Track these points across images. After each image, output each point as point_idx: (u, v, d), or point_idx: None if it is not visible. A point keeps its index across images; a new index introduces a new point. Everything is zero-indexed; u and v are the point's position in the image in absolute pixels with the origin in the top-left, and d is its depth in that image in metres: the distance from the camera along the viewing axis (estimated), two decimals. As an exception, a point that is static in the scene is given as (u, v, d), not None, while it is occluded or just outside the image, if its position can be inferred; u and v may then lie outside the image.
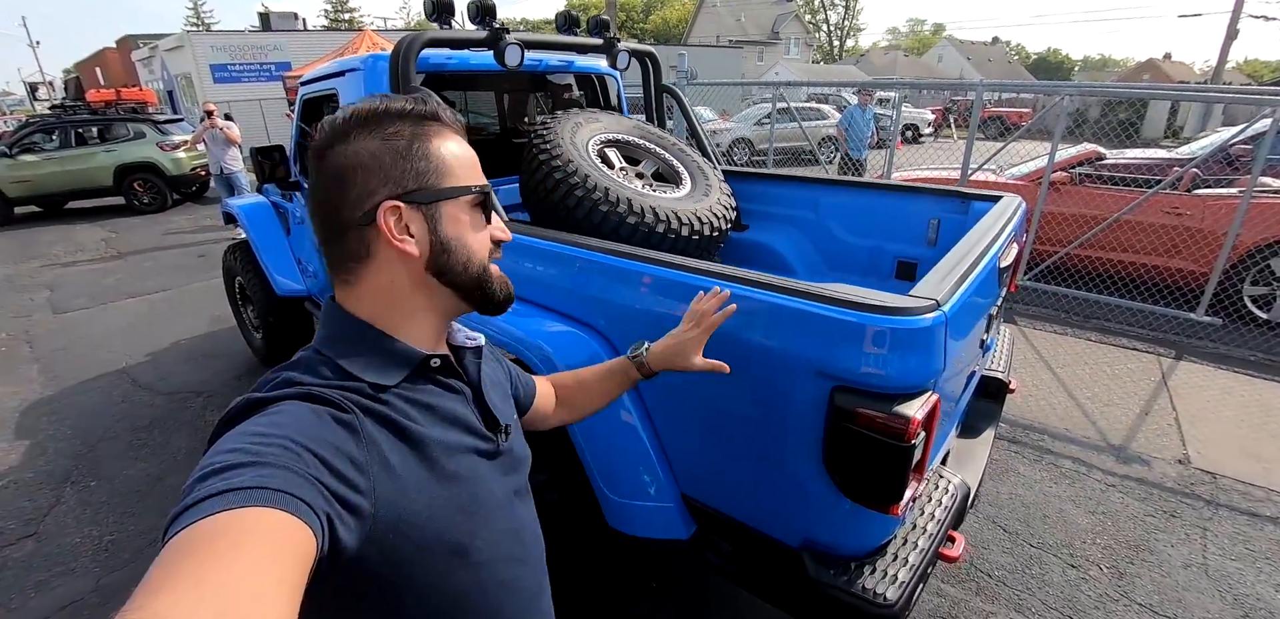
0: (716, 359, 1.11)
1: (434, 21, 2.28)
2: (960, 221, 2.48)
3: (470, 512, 0.67)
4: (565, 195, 2.04)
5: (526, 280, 1.72)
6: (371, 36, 12.55)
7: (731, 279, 1.31)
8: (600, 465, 1.52)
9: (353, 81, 2.38)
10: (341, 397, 0.59)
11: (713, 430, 1.41)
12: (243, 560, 0.41)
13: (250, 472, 0.47)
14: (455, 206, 0.68)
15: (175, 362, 4.40)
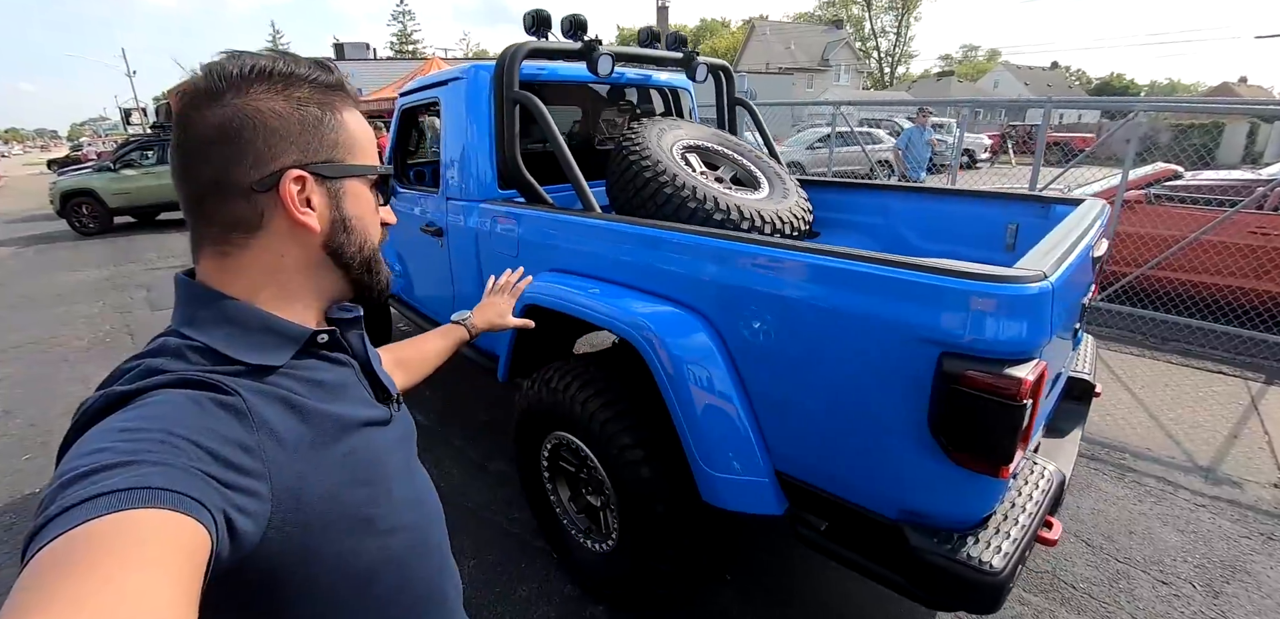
0: (818, 328, 1.22)
1: (532, 34, 2.46)
2: (1041, 226, 2.48)
3: (372, 482, 0.64)
4: (655, 193, 2.17)
5: (628, 266, 1.83)
6: (438, 63, 13.19)
7: (833, 255, 1.39)
8: (697, 439, 1.61)
9: (455, 90, 2.57)
10: (222, 379, 0.54)
11: (810, 404, 1.48)
12: (129, 570, 0.36)
13: (123, 472, 0.41)
14: (360, 184, 0.67)
15: None
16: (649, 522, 1.78)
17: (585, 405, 1.83)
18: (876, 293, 1.29)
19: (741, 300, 1.54)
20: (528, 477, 2.27)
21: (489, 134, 2.45)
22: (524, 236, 2.20)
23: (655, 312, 1.66)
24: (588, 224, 1.98)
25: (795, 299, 1.43)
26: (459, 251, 2.59)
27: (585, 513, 2.17)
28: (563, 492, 2.21)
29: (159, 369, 0.53)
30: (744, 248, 1.53)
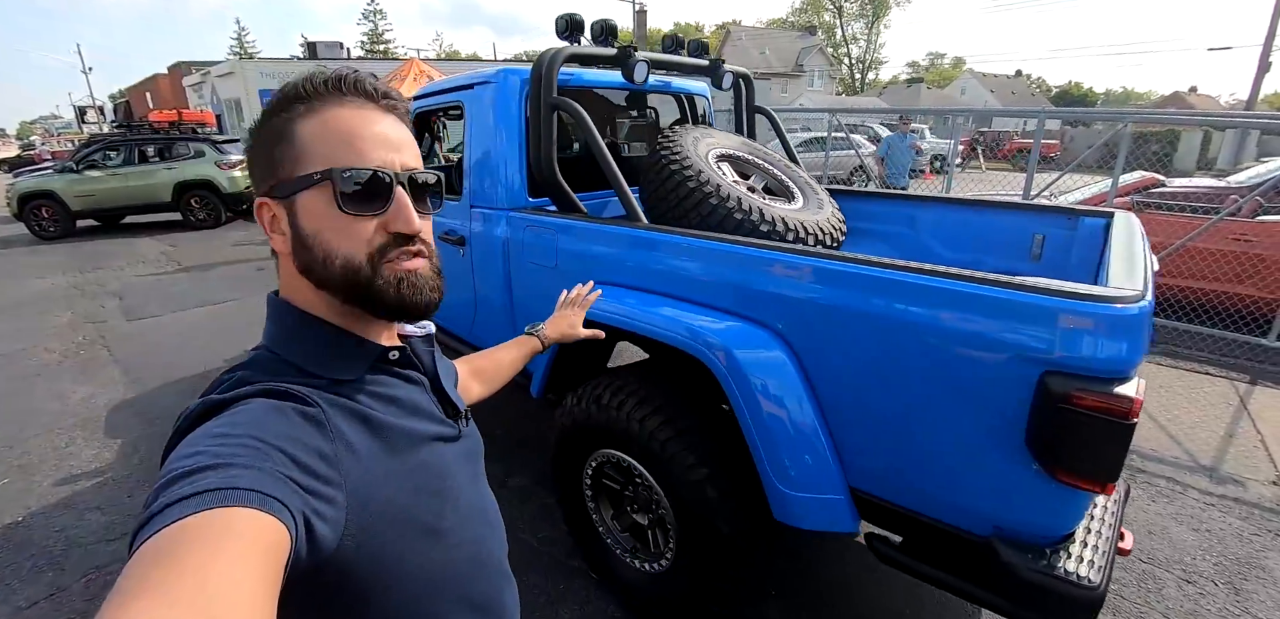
0: (907, 346, 1.24)
1: (566, 38, 2.41)
2: (1067, 237, 2.53)
3: (439, 494, 0.66)
4: (699, 203, 2.13)
5: (689, 280, 1.80)
6: (418, 64, 12.95)
7: (929, 273, 1.38)
8: (773, 458, 1.58)
9: (482, 95, 2.49)
10: (305, 391, 0.58)
11: (892, 421, 1.46)
12: (216, 563, 0.40)
13: (216, 474, 0.46)
14: (314, 195, 0.60)
15: None
16: (712, 541, 1.75)
17: (644, 424, 1.79)
18: (973, 311, 1.28)
19: (823, 316, 1.52)
20: (567, 496, 2.21)
21: (519, 140, 2.38)
22: (564, 247, 2.14)
23: (729, 328, 1.63)
24: (645, 236, 1.93)
25: (883, 316, 1.41)
26: (483, 260, 2.52)
27: (630, 532, 2.12)
28: (606, 511, 2.16)
29: (250, 380, 0.58)
30: (831, 265, 1.51)
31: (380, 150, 0.62)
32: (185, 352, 4.88)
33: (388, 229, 0.62)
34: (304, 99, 0.61)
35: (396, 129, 0.65)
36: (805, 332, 1.56)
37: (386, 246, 0.62)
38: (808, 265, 1.54)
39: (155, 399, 4.05)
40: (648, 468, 1.85)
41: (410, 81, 12.07)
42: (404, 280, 0.63)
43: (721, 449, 1.73)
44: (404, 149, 0.64)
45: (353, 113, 0.62)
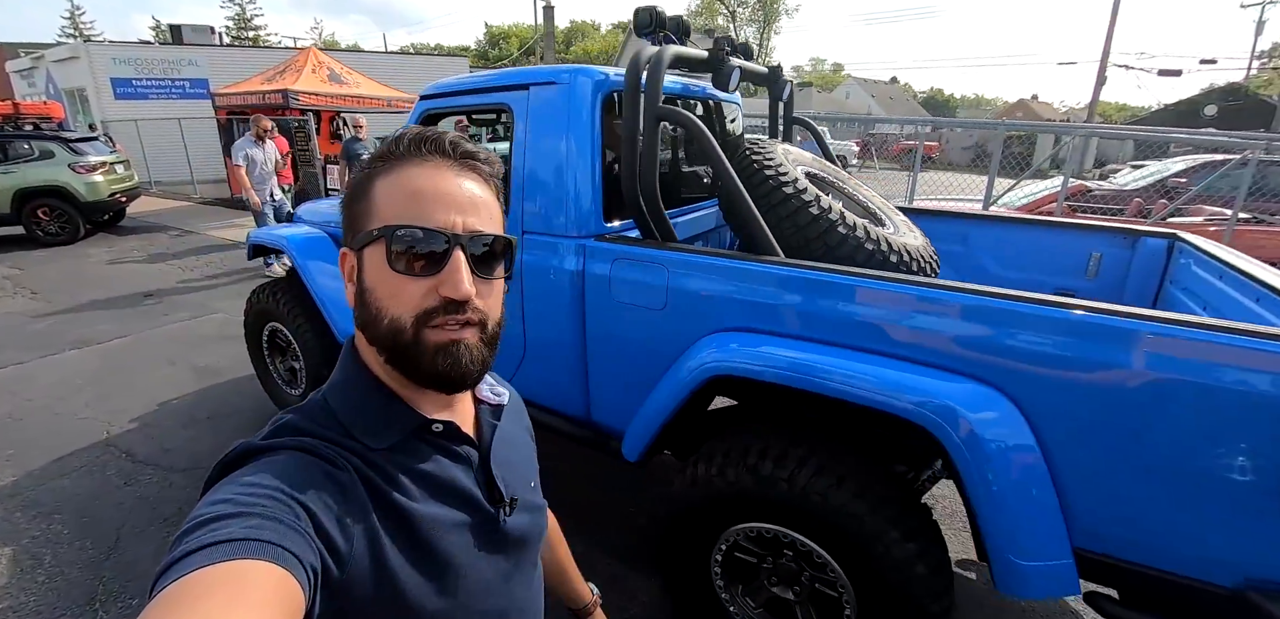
0: (1170, 401, 1.18)
1: (647, 35, 2.08)
2: (1126, 257, 2.57)
3: (452, 594, 0.62)
4: (824, 231, 1.90)
5: (868, 328, 1.56)
6: (318, 55, 11.66)
7: (1191, 325, 1.24)
8: (1005, 528, 1.39)
9: (542, 100, 2.08)
10: (337, 453, 0.57)
11: (1137, 478, 1.33)
12: (232, 612, 0.40)
13: (240, 523, 0.46)
14: (375, 250, 0.60)
15: (172, 426, 3.67)
16: (903, 608, 1.54)
17: (829, 497, 1.53)
18: (1249, 364, 1.17)
19: (1066, 371, 1.35)
20: (683, 577, 1.90)
21: (592, 154, 2.02)
22: (683, 285, 1.81)
23: (964, 391, 1.41)
24: (830, 279, 1.61)
25: (1145, 371, 1.26)
26: (543, 298, 2.12)
27: (768, 609, 1.85)
28: (734, 588, 1.87)
29: (295, 428, 0.59)
30: (1086, 317, 1.33)
31: (442, 210, 0.59)
32: (70, 412, 3.87)
33: (440, 292, 0.58)
34: (387, 158, 0.62)
35: (469, 189, 0.62)
36: (1041, 389, 1.39)
37: (434, 311, 0.59)
38: (1057, 317, 1.36)
39: (50, 485, 3.10)
40: (824, 543, 1.60)
41: (308, 73, 10.87)
42: (442, 351, 0.60)
43: (928, 521, 1.51)
44: (472, 210, 0.61)
45: (424, 171, 0.60)
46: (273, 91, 10.40)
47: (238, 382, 4.27)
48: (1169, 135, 6.22)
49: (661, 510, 1.87)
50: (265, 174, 7.00)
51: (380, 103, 11.96)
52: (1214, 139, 5.30)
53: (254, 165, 6.88)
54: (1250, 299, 1.81)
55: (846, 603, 1.64)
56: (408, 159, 0.61)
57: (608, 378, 2.05)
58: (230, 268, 7.69)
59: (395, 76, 14.53)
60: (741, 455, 1.66)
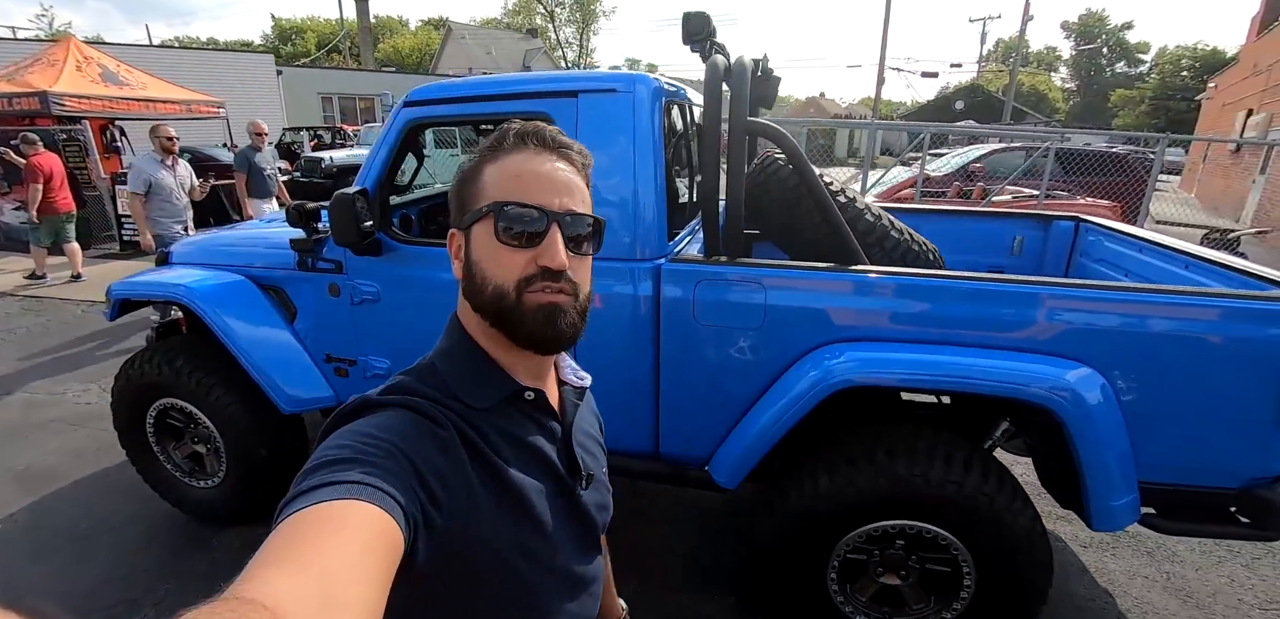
0: (1206, 354, 1.55)
1: (696, 46, 2.02)
2: (1041, 237, 3.10)
3: (533, 553, 0.68)
4: (856, 222, 2.04)
5: (969, 321, 1.69)
6: (81, 47, 9.35)
7: (1218, 295, 1.60)
8: (1105, 480, 1.64)
9: (600, 109, 1.90)
10: (442, 413, 0.63)
11: (1178, 417, 1.68)
12: (343, 545, 0.45)
13: (355, 469, 0.52)
14: (482, 226, 0.67)
15: (12, 560, 2.71)
16: (1027, 574, 1.74)
17: (963, 484, 1.67)
18: (1259, 318, 1.56)
19: (1135, 343, 1.62)
20: (798, 593, 1.91)
21: (655, 169, 1.91)
22: (776, 302, 1.80)
23: (1074, 373, 1.60)
24: (929, 285, 1.74)
25: (1190, 333, 1.60)
26: (605, 328, 1.95)
27: (875, 600, 1.93)
28: (845, 587, 1.92)
29: (407, 388, 0.65)
30: (1153, 297, 1.62)
31: (542, 191, 0.66)
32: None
33: (538, 262, 0.65)
34: (496, 148, 0.69)
35: (565, 174, 0.69)
36: (1114, 359, 1.64)
37: (533, 278, 0.65)
38: (1132, 301, 1.61)
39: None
40: (950, 526, 1.71)
41: (71, 71, 8.75)
42: (541, 310, 0.66)
43: (1017, 486, 1.73)
44: (567, 193, 0.68)
45: (527, 157, 0.68)
46: (22, 95, 8.12)
47: (93, 481, 3.29)
48: (944, 127, 7.65)
49: (773, 531, 1.85)
50: (176, 205, 5.20)
51: (176, 108, 9.98)
52: (1000, 130, 6.66)
53: (161, 193, 5.10)
54: (1180, 267, 2.29)
55: (967, 576, 1.78)
56: (514, 148, 0.68)
57: (685, 407, 1.96)
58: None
59: (187, 77, 12.17)
60: (870, 461, 1.71)
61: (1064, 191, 7.01)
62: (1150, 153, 7.71)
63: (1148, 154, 7.81)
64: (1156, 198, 7.61)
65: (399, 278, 2.25)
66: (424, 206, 2.97)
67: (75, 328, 5.85)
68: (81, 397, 4.35)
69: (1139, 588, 2.49)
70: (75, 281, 7.16)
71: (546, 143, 0.69)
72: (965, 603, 1.83)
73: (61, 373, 4.71)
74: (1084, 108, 54.12)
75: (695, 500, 3.05)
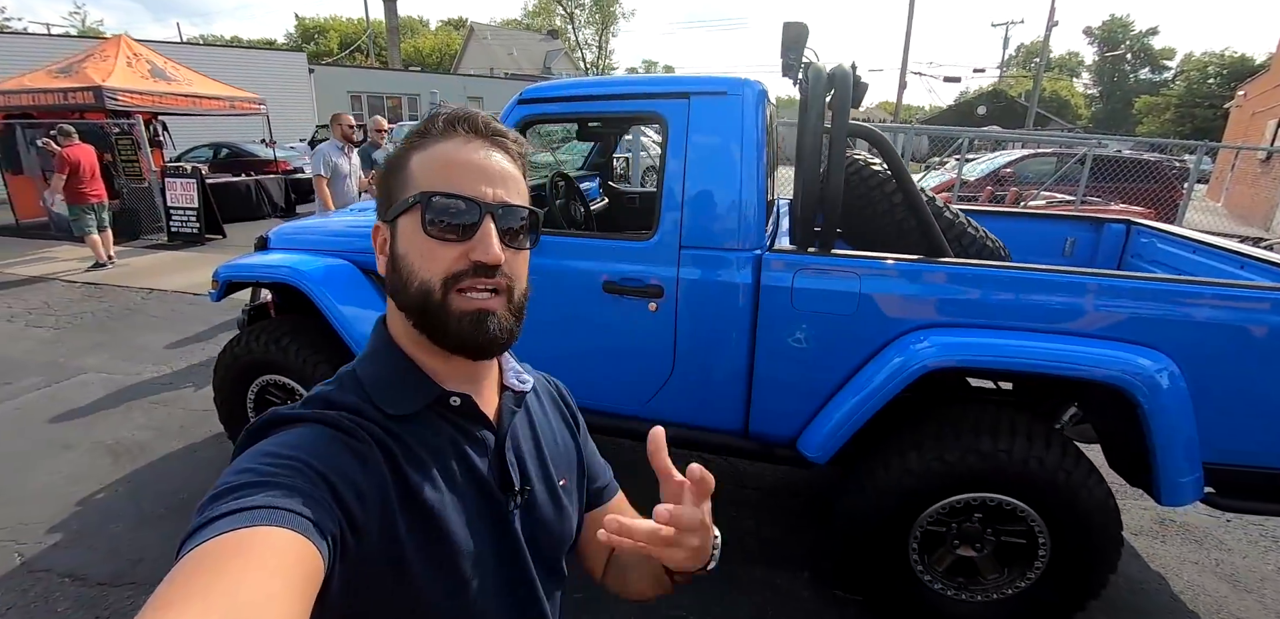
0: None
1: (793, 53, 2.18)
2: (1093, 238, 3.22)
3: (453, 575, 0.63)
4: (959, 234, 2.18)
5: (1046, 311, 1.85)
6: (131, 44, 9.68)
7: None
8: (1173, 459, 1.79)
9: (710, 109, 2.06)
10: (357, 425, 0.59)
11: (1242, 402, 1.82)
12: (252, 573, 0.42)
13: (262, 492, 0.48)
14: (408, 218, 0.63)
15: (118, 529, 2.85)
16: (1100, 545, 1.89)
17: (1044, 460, 1.82)
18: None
19: (1210, 333, 1.75)
20: (882, 566, 2.07)
21: (759, 167, 2.08)
22: (870, 291, 1.96)
23: (1142, 357, 1.75)
24: (1015, 276, 1.89)
25: (1246, 325, 1.75)
26: (705, 315, 2.13)
27: (950, 571, 2.08)
28: (925, 558, 2.07)
29: (325, 400, 0.62)
30: (1229, 291, 1.76)
31: (474, 180, 0.62)
32: None
33: (470, 257, 0.61)
34: (423, 135, 0.65)
35: (499, 162, 0.65)
36: (1186, 347, 1.78)
37: (463, 274, 0.62)
38: (1208, 294, 1.75)
39: None
40: (1028, 499, 1.87)
41: (123, 67, 9.06)
42: (468, 315, 0.62)
43: (1091, 464, 1.88)
44: (500, 182, 0.64)
45: (457, 145, 0.64)
46: (78, 89, 8.43)
47: (182, 455, 3.51)
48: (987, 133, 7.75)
49: (863, 503, 2.00)
50: (348, 193, 5.26)
51: (220, 104, 10.30)
52: (1039, 136, 6.75)
53: (339, 179, 5.19)
54: (1235, 267, 2.42)
55: (1042, 546, 1.93)
56: (443, 135, 0.64)
57: (777, 387, 2.13)
58: (62, 309, 6.16)
59: (223, 74, 12.50)
60: (957, 437, 1.86)
61: (1097, 197, 7.09)
62: (1175, 160, 7.77)
63: (1173, 161, 7.88)
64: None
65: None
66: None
67: (139, 312, 6.12)
68: (156, 377, 4.59)
69: (1189, 572, 2.61)
70: (97, 269, 7.43)
71: (478, 129, 0.65)
72: (1038, 573, 1.98)
73: (133, 355, 4.96)
74: (1107, 114, 53.57)
75: (756, 484, 3.21)
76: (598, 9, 51.56)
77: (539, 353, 2.28)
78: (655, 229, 2.15)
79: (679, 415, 2.28)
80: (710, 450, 2.29)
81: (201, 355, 4.98)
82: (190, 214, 8.56)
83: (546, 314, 2.32)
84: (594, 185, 3.99)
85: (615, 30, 54.20)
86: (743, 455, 2.26)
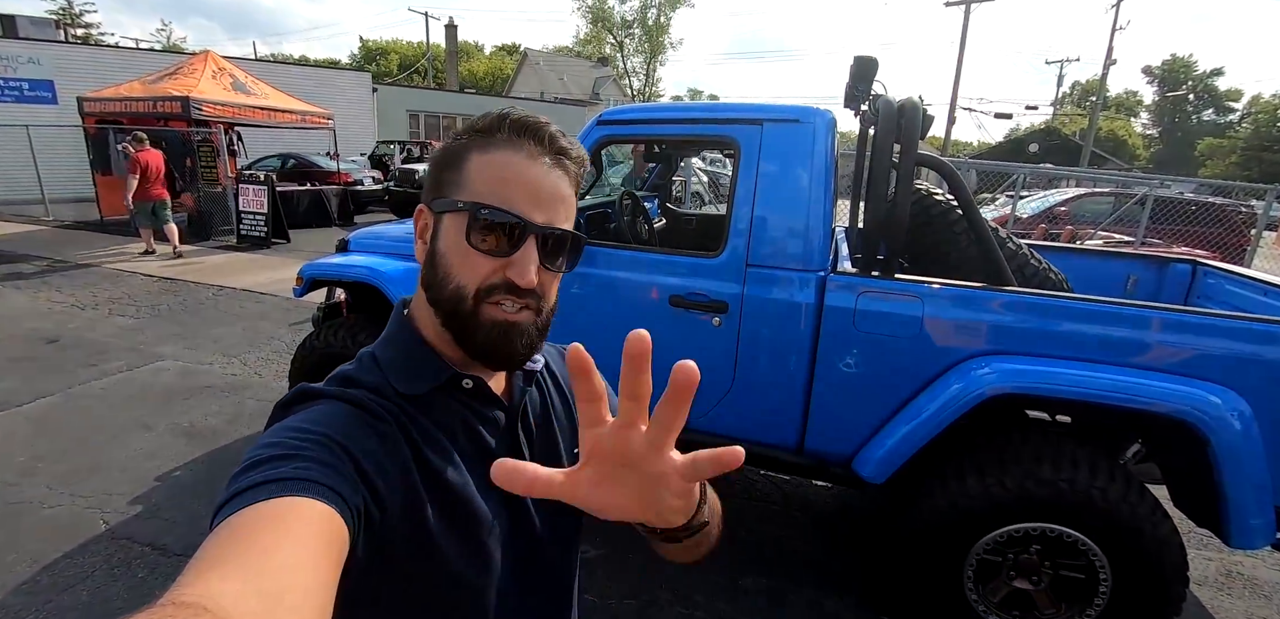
0: None
1: (860, 88, 2.27)
2: (1156, 277, 3.18)
3: (475, 548, 0.65)
4: (1021, 265, 2.21)
5: (1113, 344, 1.87)
6: (217, 59, 10.39)
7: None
8: (1243, 500, 1.78)
9: (783, 136, 2.17)
10: (377, 403, 0.61)
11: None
12: (284, 542, 0.43)
13: (290, 464, 0.50)
14: (454, 220, 0.63)
15: (196, 506, 3.04)
16: (1162, 580, 1.86)
17: (1107, 492, 1.82)
18: None
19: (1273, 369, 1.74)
20: (934, 591, 2.08)
21: (827, 192, 2.16)
22: (933, 315, 2.01)
23: (1211, 393, 1.75)
24: (1081, 307, 1.93)
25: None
26: (768, 329, 2.21)
27: (1005, 604, 2.07)
28: (979, 588, 2.07)
29: (345, 378, 0.64)
30: None
31: (526, 200, 0.62)
32: (28, 499, 3.06)
33: (505, 274, 0.62)
34: (486, 133, 0.64)
35: (555, 183, 0.64)
36: (1260, 386, 1.77)
37: (495, 288, 0.62)
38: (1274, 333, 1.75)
39: (62, 599, 2.41)
40: (1088, 532, 1.86)
41: (208, 79, 9.71)
42: (497, 326, 0.63)
43: (1154, 498, 1.87)
44: (551, 205, 0.64)
45: (517, 158, 0.63)
46: (167, 99, 9.09)
47: (239, 444, 3.73)
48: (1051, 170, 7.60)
49: (918, 526, 2.03)
50: None
51: (293, 117, 10.92)
52: (1092, 173, 6.61)
53: None
54: (1311, 311, 2.37)
55: (1103, 582, 1.91)
56: (507, 142, 0.63)
57: (835, 406, 2.18)
58: (141, 300, 6.61)
59: (295, 90, 13.24)
60: (1018, 463, 1.88)
61: (1158, 240, 6.88)
62: (1241, 205, 7.48)
63: (1240, 206, 7.59)
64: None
65: (574, 273, 2.57)
66: (590, 212, 3.30)
67: (210, 307, 6.51)
68: (227, 368, 4.89)
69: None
70: (177, 259, 8.20)
71: (544, 143, 0.64)
72: (1099, 610, 1.96)
73: (205, 347, 5.29)
74: (1167, 155, 51.54)
75: (805, 505, 3.23)
76: (647, 39, 52.55)
77: (602, 360, 2.43)
78: (723, 247, 2.25)
79: (735, 428, 2.35)
80: (764, 465, 2.35)
81: (268, 349, 5.28)
82: (260, 219, 9.08)
83: (611, 323, 2.44)
84: (654, 205, 4.13)
85: (663, 59, 55.17)
86: (797, 472, 2.31)
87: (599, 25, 51.52)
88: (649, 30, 51.82)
